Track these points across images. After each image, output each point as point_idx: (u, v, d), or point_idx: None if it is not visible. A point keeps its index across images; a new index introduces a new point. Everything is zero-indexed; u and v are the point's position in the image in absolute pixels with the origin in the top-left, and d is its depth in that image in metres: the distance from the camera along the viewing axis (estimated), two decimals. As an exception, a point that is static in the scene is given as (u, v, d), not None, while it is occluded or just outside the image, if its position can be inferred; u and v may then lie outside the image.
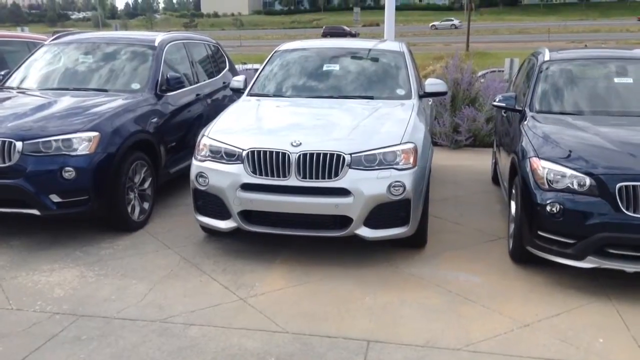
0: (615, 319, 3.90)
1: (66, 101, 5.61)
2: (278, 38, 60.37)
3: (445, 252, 5.07)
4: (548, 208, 4.21)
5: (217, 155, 4.76)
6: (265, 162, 4.55)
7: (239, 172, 4.61)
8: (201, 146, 4.90)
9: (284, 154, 4.52)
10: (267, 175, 4.55)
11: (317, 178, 4.49)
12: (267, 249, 5.04)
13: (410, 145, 4.67)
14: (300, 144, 4.55)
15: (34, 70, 6.53)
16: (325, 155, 4.49)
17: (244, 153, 4.61)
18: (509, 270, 4.68)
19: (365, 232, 4.58)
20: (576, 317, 3.92)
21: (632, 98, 5.42)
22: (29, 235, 5.40)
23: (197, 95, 7.02)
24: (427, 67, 11.80)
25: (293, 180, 4.51)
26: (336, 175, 4.48)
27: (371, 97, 5.71)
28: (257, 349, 3.52)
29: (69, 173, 4.92)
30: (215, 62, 8.03)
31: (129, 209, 5.44)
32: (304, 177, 4.50)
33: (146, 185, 5.73)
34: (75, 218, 5.39)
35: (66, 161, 4.93)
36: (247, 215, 4.69)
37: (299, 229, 4.64)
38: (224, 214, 4.75)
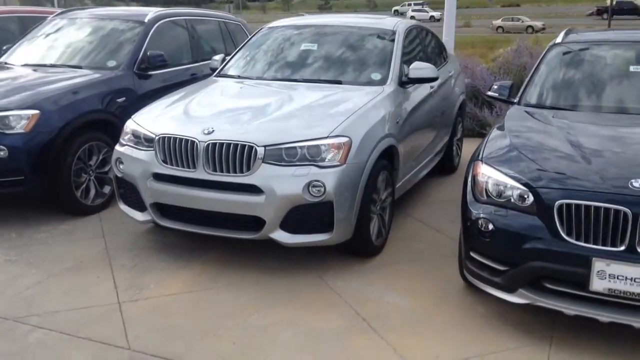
0: (537, 374, 3.04)
1: (26, 77, 5.44)
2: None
3: (396, 264, 4.34)
4: (479, 224, 3.38)
5: (138, 140, 4.35)
6: (175, 150, 4.07)
7: (150, 161, 4.18)
8: (125, 129, 4.52)
9: (192, 142, 4.01)
10: (176, 165, 4.08)
11: (227, 172, 3.94)
12: (202, 246, 4.56)
13: (342, 140, 3.98)
14: (213, 131, 4.02)
15: (24, 46, 6.44)
16: (235, 145, 3.92)
17: (156, 139, 4.17)
18: (451, 294, 3.88)
19: (282, 236, 3.97)
20: (485, 366, 3.11)
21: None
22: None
23: (193, 75, 6.63)
24: (497, 50, 10.61)
25: (201, 173, 3.99)
26: (248, 169, 3.91)
27: (339, 82, 4.98)
28: (75, 366, 3.09)
29: (2, 152, 4.73)
30: (230, 41, 7.59)
31: (80, 192, 5.19)
32: (214, 169, 3.97)
33: (107, 167, 5.45)
34: (16, 198, 5.19)
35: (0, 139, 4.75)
36: (161, 208, 4.25)
37: (210, 227, 4.12)
38: (141, 205, 4.34)
